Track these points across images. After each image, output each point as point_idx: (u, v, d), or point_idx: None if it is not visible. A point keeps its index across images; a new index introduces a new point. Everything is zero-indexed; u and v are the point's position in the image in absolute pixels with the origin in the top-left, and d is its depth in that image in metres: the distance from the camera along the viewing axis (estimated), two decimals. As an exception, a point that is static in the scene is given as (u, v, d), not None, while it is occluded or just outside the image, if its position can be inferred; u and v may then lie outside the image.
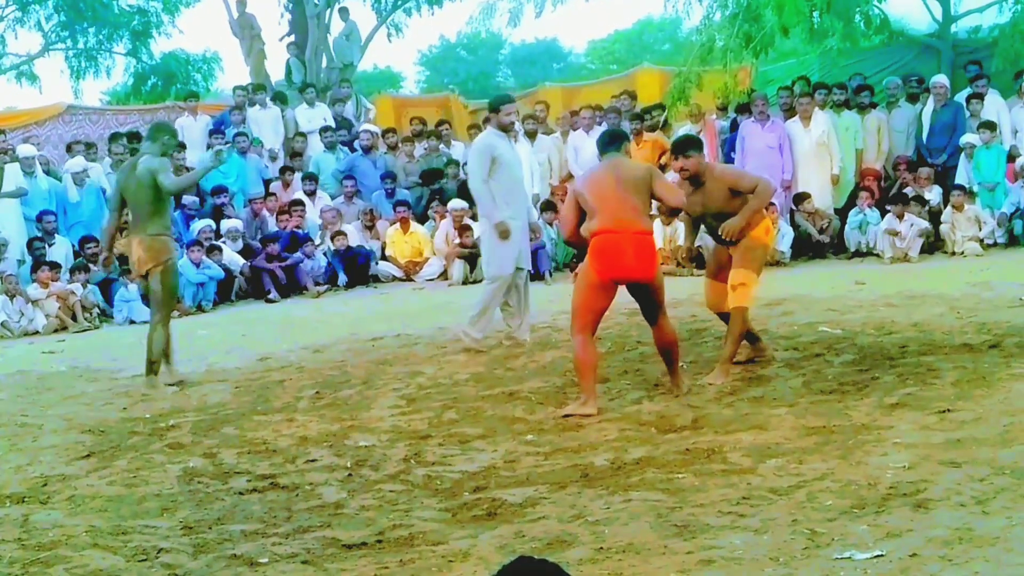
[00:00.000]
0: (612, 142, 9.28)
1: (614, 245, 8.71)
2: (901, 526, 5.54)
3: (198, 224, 17.22)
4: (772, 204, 16.71)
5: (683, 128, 17.98)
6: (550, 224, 17.45)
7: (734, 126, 18.32)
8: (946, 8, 20.38)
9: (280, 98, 22.07)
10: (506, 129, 11.79)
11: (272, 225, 18.28)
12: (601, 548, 5.61)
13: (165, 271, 11.01)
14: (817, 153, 17.48)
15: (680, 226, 15.46)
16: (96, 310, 15.97)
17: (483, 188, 11.51)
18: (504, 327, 11.74)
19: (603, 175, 8.99)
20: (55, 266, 16.04)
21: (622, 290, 9.00)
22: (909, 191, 17.07)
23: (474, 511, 6.52)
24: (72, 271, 16.23)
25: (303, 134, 20.56)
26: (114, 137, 19.35)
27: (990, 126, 16.98)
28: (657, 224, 13.45)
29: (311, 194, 18.91)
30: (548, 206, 17.77)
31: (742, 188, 9.62)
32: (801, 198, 17.11)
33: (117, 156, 18.51)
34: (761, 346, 10.04)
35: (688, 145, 9.83)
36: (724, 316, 9.91)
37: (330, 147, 20.05)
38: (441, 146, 20.35)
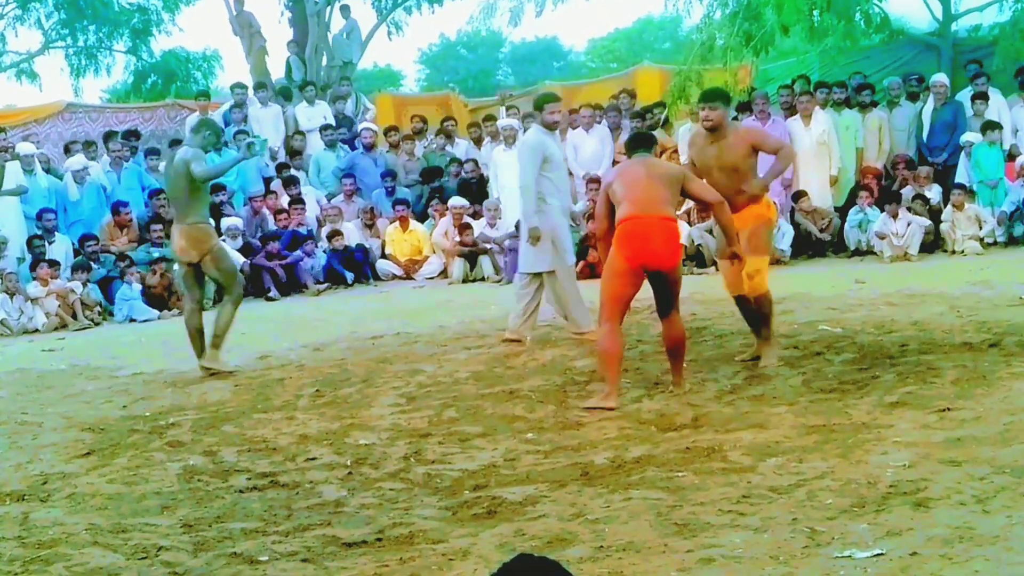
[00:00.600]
0: (642, 143, 9.40)
1: (641, 230, 8.72)
2: (901, 525, 5.54)
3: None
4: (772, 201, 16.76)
5: (683, 127, 18.00)
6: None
7: (735, 124, 18.33)
8: (946, 7, 20.39)
9: (284, 94, 22.06)
10: (550, 127, 11.83)
11: (272, 223, 18.28)
12: (601, 546, 5.61)
13: (215, 258, 11.31)
14: (817, 152, 17.48)
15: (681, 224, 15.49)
16: (97, 308, 15.97)
17: (533, 187, 11.55)
18: (520, 321, 11.73)
19: (634, 168, 9.08)
20: (54, 263, 16.05)
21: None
22: (909, 190, 17.06)
23: (474, 509, 6.52)
24: (73, 269, 16.23)
25: (302, 132, 20.55)
26: (109, 135, 19.35)
27: (994, 126, 16.98)
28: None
29: (296, 196, 18.74)
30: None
31: (766, 148, 9.74)
32: (798, 196, 17.10)
33: (115, 154, 18.51)
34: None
35: (716, 96, 9.92)
36: (739, 299, 9.99)
37: (330, 145, 20.05)
38: (447, 145, 20.34)
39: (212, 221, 12.22)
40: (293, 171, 19.42)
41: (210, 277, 11.51)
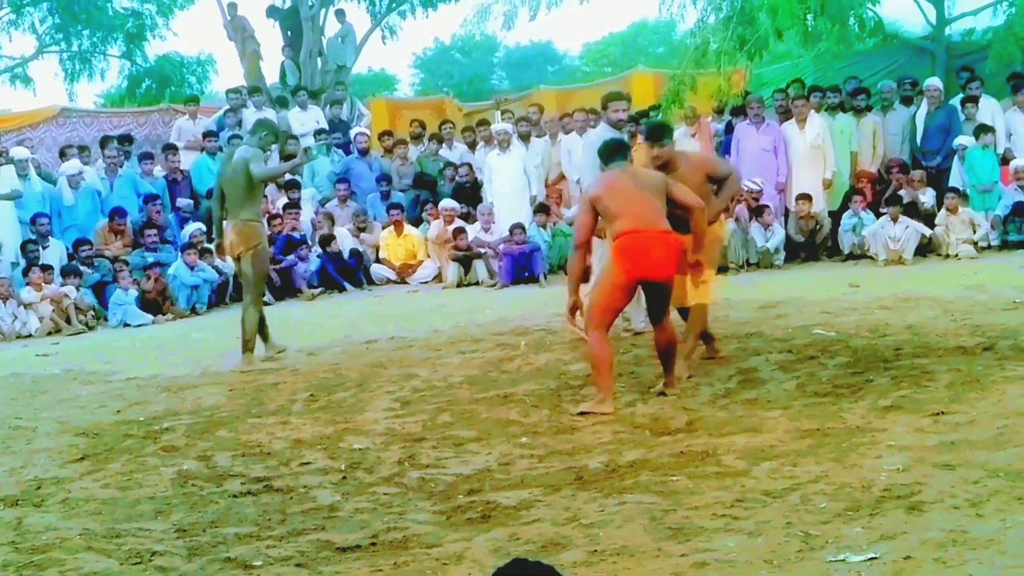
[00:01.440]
0: (617, 152, 9.39)
1: (642, 244, 8.75)
2: (895, 528, 5.54)
3: (190, 227, 17.21)
4: (766, 205, 16.77)
5: (678, 131, 18.02)
6: (543, 227, 17.46)
7: (729, 128, 18.34)
8: (940, 11, 20.41)
9: (281, 103, 22.03)
10: (616, 126, 11.66)
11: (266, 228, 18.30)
12: (595, 551, 5.61)
13: (255, 255, 11.87)
14: (812, 156, 17.49)
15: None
16: (91, 313, 15.95)
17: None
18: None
19: (620, 180, 9.06)
20: (47, 268, 16.03)
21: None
22: (904, 193, 17.08)
23: (468, 514, 6.52)
24: (64, 273, 16.17)
25: (295, 137, 20.53)
26: (105, 140, 19.33)
27: (987, 129, 16.99)
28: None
29: (295, 201, 18.80)
30: (541, 208, 17.78)
31: (719, 174, 9.92)
32: (799, 199, 17.11)
33: (111, 160, 18.46)
34: (715, 347, 10.31)
35: (662, 133, 10.02)
36: (682, 311, 10.10)
37: (325, 149, 20.04)
38: (442, 149, 20.31)
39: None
40: (289, 175, 19.41)
41: (243, 271, 11.99)
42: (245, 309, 12.00)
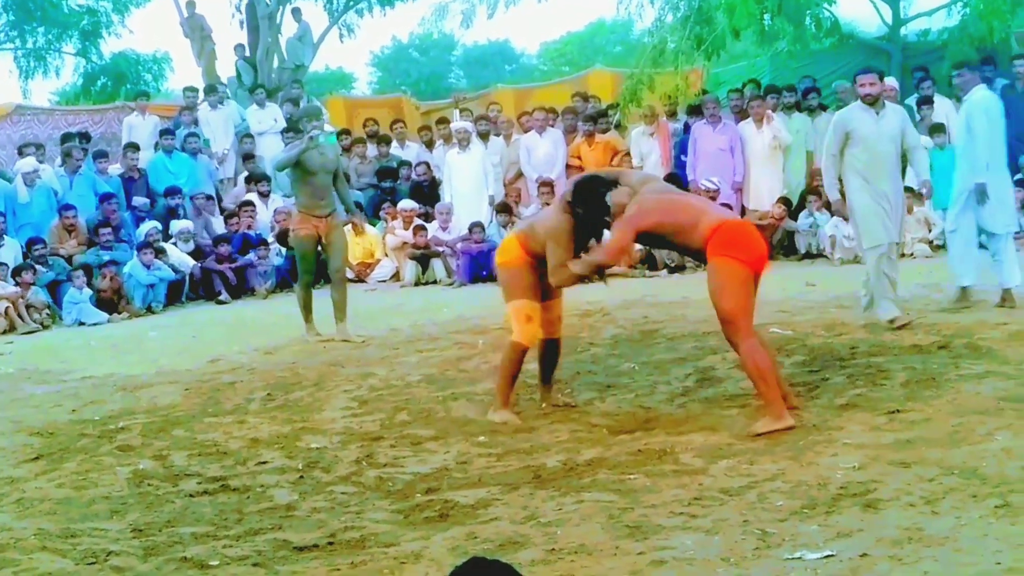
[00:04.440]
0: None
1: (748, 230, 8.23)
2: (851, 526, 5.57)
3: (145, 226, 17.10)
4: (727, 205, 16.81)
5: (636, 129, 18.09)
6: (505, 227, 17.45)
7: (687, 128, 18.37)
8: (896, 11, 20.54)
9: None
10: (866, 100, 11.23)
11: (217, 225, 18.26)
12: (553, 549, 5.61)
13: (292, 237, 13.24)
14: (769, 155, 17.55)
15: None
16: (46, 311, 15.80)
17: (829, 162, 11.39)
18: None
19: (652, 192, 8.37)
20: (0, 265, 15.87)
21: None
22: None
23: (426, 513, 6.51)
24: (17, 272, 15.99)
25: (250, 135, 20.44)
26: (67, 138, 19.22)
27: (940, 129, 17.09)
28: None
29: (265, 195, 18.88)
30: (504, 207, 17.75)
31: None
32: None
33: (76, 160, 18.27)
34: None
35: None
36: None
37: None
38: (392, 149, 20.26)
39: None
40: (251, 173, 19.37)
41: None
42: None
